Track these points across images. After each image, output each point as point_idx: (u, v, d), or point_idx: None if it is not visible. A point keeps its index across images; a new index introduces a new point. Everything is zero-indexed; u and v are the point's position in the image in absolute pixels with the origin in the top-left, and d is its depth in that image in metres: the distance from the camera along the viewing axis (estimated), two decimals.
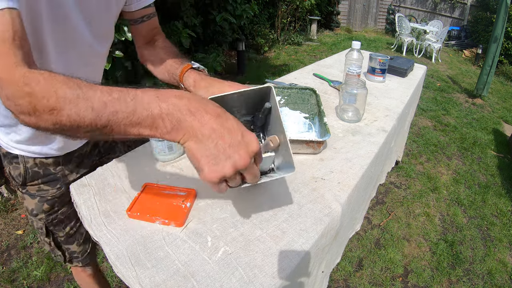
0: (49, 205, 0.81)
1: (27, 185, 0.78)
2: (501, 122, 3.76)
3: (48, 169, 0.78)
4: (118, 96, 0.39)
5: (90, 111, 0.38)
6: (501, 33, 3.84)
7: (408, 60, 1.67)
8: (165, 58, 0.77)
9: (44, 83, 0.38)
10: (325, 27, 8.10)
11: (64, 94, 0.38)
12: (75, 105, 0.38)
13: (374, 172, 0.99)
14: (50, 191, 0.80)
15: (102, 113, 0.38)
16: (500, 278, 1.69)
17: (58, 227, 0.85)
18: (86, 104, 0.38)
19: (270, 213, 0.65)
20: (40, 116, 0.39)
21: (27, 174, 0.76)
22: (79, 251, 0.92)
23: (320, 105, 0.97)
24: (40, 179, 0.78)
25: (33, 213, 0.81)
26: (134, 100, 0.39)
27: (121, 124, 0.39)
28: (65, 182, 0.81)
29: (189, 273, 0.52)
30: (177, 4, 2.58)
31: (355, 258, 1.73)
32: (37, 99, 0.38)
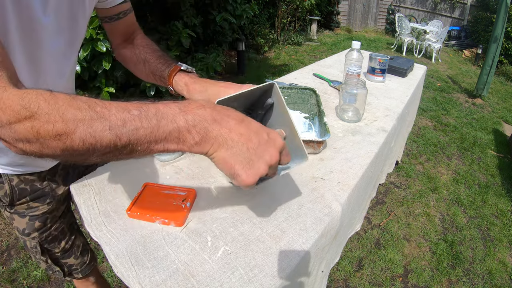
0: (41, 222, 0.76)
1: (15, 205, 0.72)
2: (501, 122, 3.76)
3: (35, 185, 0.73)
4: (138, 113, 0.36)
5: (108, 132, 0.35)
6: (501, 33, 3.84)
7: (408, 60, 1.67)
8: (148, 58, 0.73)
9: (46, 106, 0.35)
10: (325, 27, 8.10)
11: (73, 116, 0.35)
12: (89, 127, 0.35)
13: (374, 172, 0.99)
14: (40, 207, 0.75)
15: (121, 132, 0.36)
16: (500, 278, 1.69)
17: (53, 244, 0.81)
18: (101, 124, 0.35)
19: (270, 213, 0.65)
20: (45, 142, 0.35)
21: (14, 192, 0.70)
22: (78, 263, 0.88)
23: (320, 105, 0.97)
24: (28, 196, 0.72)
25: (25, 232, 0.76)
26: (156, 114, 0.37)
27: (145, 141, 0.37)
28: (55, 196, 0.77)
29: (189, 273, 0.52)
30: (177, 4, 2.58)
31: (355, 258, 1.73)
32: (40, 123, 0.34)
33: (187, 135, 0.38)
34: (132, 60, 0.75)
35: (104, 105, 0.36)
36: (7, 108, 0.35)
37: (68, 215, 0.84)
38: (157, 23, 2.50)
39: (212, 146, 0.39)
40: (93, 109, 0.36)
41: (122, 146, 0.36)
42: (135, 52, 0.75)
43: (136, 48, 0.76)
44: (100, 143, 0.36)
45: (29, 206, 0.74)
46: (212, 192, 0.70)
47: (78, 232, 0.88)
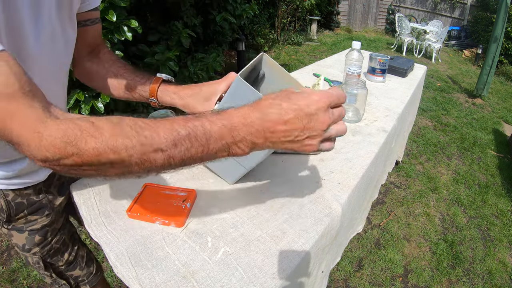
0: (41, 236, 0.72)
1: (12, 221, 0.69)
2: (501, 122, 3.76)
3: (31, 198, 0.69)
4: (186, 133, 0.38)
5: (161, 154, 0.37)
6: (501, 33, 3.84)
7: (408, 60, 1.67)
8: (121, 72, 0.70)
9: (93, 140, 0.35)
10: (325, 27, 8.10)
11: (123, 145, 0.36)
12: (142, 153, 0.37)
13: (375, 173, 0.99)
14: (39, 220, 0.71)
15: (174, 153, 0.38)
16: (500, 278, 1.69)
17: (56, 257, 0.78)
18: (153, 148, 0.37)
19: (270, 214, 0.65)
20: (98, 169, 0.37)
21: (10, 208, 0.67)
22: (84, 274, 0.85)
23: None
24: (26, 210, 0.69)
25: (26, 248, 0.72)
26: (204, 134, 0.39)
27: (197, 158, 0.39)
28: (53, 207, 0.73)
29: (189, 274, 0.52)
30: (177, 4, 2.58)
31: (355, 258, 1.73)
32: (89, 157, 0.35)
33: (236, 149, 0.41)
34: (101, 74, 0.71)
35: (151, 128, 0.37)
36: (50, 147, 0.35)
37: (68, 226, 0.81)
38: (157, 23, 2.50)
39: (262, 148, 0.43)
40: (142, 135, 0.37)
41: (176, 165, 0.39)
42: (104, 66, 0.71)
43: (105, 62, 0.72)
44: (155, 165, 0.38)
45: (27, 220, 0.70)
46: (212, 192, 0.70)
47: (80, 242, 0.85)
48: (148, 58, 2.21)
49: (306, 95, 0.41)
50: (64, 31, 0.58)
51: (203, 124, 0.39)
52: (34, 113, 0.35)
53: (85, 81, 0.75)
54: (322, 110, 0.41)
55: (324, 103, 0.41)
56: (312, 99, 0.41)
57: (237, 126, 0.40)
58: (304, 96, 0.41)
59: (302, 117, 0.41)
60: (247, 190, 0.71)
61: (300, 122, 0.41)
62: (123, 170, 0.38)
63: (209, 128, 0.39)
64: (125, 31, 1.84)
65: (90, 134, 0.36)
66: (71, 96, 1.77)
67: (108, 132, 0.36)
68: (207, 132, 0.39)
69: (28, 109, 0.35)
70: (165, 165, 0.38)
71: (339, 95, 0.43)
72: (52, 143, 0.34)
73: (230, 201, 0.68)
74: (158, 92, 0.68)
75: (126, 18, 1.84)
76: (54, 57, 0.57)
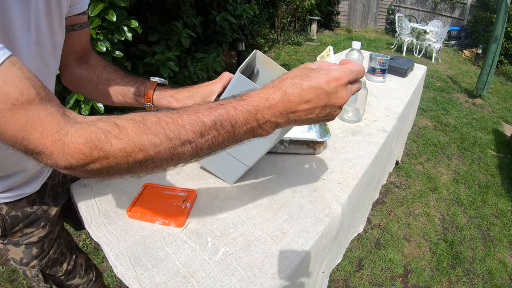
0: (38, 249, 0.71)
1: (8, 235, 0.67)
2: (501, 122, 3.76)
3: (26, 210, 0.67)
4: (212, 123, 0.38)
5: (189, 146, 0.38)
6: (501, 33, 3.84)
7: (408, 60, 1.67)
8: (113, 77, 0.68)
9: (119, 142, 0.35)
10: (325, 27, 8.10)
11: (151, 143, 0.36)
12: (170, 148, 0.37)
13: (375, 173, 0.99)
14: (35, 232, 0.70)
15: (201, 142, 0.38)
16: (500, 278, 1.69)
17: (55, 268, 0.77)
18: (181, 141, 0.37)
19: (270, 214, 0.65)
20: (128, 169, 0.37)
21: (5, 222, 0.64)
22: (84, 282, 0.85)
23: None
24: (22, 223, 0.67)
25: (24, 262, 0.71)
26: (230, 121, 0.39)
27: (223, 144, 0.41)
28: (48, 218, 0.72)
29: (189, 274, 0.52)
30: (177, 4, 2.58)
31: (355, 258, 1.73)
32: (118, 159, 0.35)
33: (261, 131, 0.42)
34: (92, 81, 0.68)
35: (176, 122, 0.37)
36: (75, 154, 0.34)
37: (64, 234, 0.80)
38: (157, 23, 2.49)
39: (285, 126, 0.43)
40: (168, 130, 0.36)
41: (204, 153, 0.40)
42: (95, 72, 0.69)
43: (95, 68, 0.70)
44: (184, 156, 0.39)
45: (23, 233, 0.68)
46: (212, 192, 0.70)
47: (77, 250, 0.85)
48: (148, 58, 2.21)
49: (325, 72, 0.41)
50: (52, 35, 0.55)
51: (228, 112, 0.39)
52: (54, 120, 0.34)
53: (74, 88, 0.72)
54: (342, 87, 0.41)
55: (344, 81, 0.41)
56: (332, 76, 0.41)
57: (261, 109, 0.40)
58: (323, 73, 0.41)
59: (323, 95, 0.41)
60: (247, 190, 0.71)
61: (321, 101, 0.41)
62: (152, 167, 0.38)
63: (234, 114, 0.39)
64: (125, 31, 1.84)
65: (114, 136, 0.35)
66: (71, 96, 1.77)
67: (133, 131, 0.36)
68: (232, 119, 0.39)
69: (47, 117, 0.34)
70: (193, 156, 0.39)
71: (358, 71, 0.43)
72: (76, 150, 0.34)
73: (230, 201, 0.67)
74: (154, 96, 0.67)
75: (126, 18, 1.84)
76: (42, 62, 0.55)
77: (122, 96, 0.69)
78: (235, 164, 0.68)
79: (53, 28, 0.55)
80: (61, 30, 0.59)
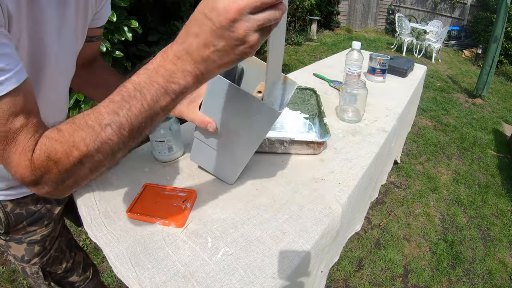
0: (40, 246, 0.72)
1: (10, 232, 0.68)
2: (501, 122, 3.76)
3: (30, 208, 0.69)
4: (120, 98, 0.38)
5: (110, 129, 0.38)
6: (501, 33, 3.84)
7: (408, 60, 1.67)
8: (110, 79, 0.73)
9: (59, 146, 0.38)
10: (325, 27, 8.10)
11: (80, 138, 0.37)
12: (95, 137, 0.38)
13: (374, 173, 0.99)
14: (38, 230, 0.71)
15: (120, 121, 0.38)
16: (500, 278, 1.69)
17: (55, 266, 0.78)
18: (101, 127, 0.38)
19: (270, 214, 0.65)
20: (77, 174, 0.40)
21: (9, 219, 0.66)
22: (81, 279, 0.86)
23: (321, 105, 0.97)
24: (25, 221, 0.68)
25: (25, 259, 0.72)
26: (135, 89, 0.38)
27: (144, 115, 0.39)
28: (51, 217, 0.73)
29: (189, 274, 0.52)
30: (177, 4, 2.58)
31: (355, 258, 1.73)
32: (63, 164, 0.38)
33: (174, 85, 0.38)
34: (92, 83, 0.73)
35: (94, 110, 0.38)
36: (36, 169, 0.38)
37: (64, 233, 0.81)
38: (157, 23, 2.49)
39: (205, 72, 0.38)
40: (89, 119, 0.38)
41: (132, 132, 0.39)
42: (95, 74, 0.74)
43: (96, 70, 0.74)
44: (113, 142, 0.38)
45: (26, 231, 0.70)
46: (212, 193, 0.70)
47: (77, 248, 0.86)
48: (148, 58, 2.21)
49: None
50: (75, 42, 0.60)
51: (131, 80, 0.38)
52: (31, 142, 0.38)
53: (77, 88, 0.77)
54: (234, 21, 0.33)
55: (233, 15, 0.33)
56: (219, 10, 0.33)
57: (161, 63, 0.38)
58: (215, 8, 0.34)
59: (205, 21, 0.35)
60: (247, 191, 0.71)
61: (207, 28, 0.35)
62: (92, 164, 0.39)
63: (137, 80, 0.38)
64: (125, 31, 1.84)
65: (56, 140, 0.38)
66: (71, 96, 1.77)
67: (67, 131, 0.38)
68: (137, 85, 0.38)
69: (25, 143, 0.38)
70: (122, 138, 0.38)
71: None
72: (34, 164, 0.38)
73: (230, 201, 0.67)
74: None
75: (126, 18, 1.84)
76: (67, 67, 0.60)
77: None
78: (231, 165, 0.68)
79: (76, 36, 0.59)
80: (82, 39, 0.63)
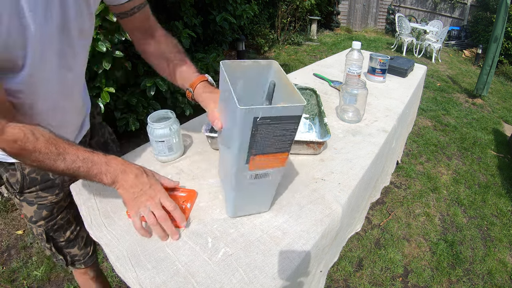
0: (48, 212, 0.80)
1: (24, 193, 0.76)
2: (501, 122, 3.76)
3: (46, 175, 0.76)
4: (83, 158, 0.57)
5: (63, 165, 0.56)
6: (501, 33, 3.84)
7: (408, 60, 1.67)
8: (171, 57, 0.77)
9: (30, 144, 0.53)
10: (325, 27, 8.09)
11: (48, 151, 0.54)
12: (53, 162, 0.55)
13: (375, 173, 0.99)
14: (49, 197, 0.78)
15: (71, 166, 0.56)
16: (500, 278, 1.69)
17: (58, 233, 0.84)
18: (61, 160, 0.55)
19: (271, 214, 0.65)
20: (23, 160, 0.57)
21: (25, 180, 0.74)
22: (81, 254, 0.91)
23: (321, 105, 0.97)
24: (38, 186, 0.76)
25: (32, 220, 0.80)
26: (92, 162, 0.57)
27: (81, 174, 0.58)
28: (63, 188, 0.79)
29: (189, 274, 0.52)
30: (177, 4, 2.58)
31: (355, 258, 1.73)
32: (27, 152, 0.54)
33: (105, 177, 0.58)
34: (154, 56, 0.79)
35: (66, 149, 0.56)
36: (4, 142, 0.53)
37: (74, 206, 0.83)
38: None
39: (116, 185, 0.59)
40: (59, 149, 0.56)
41: (70, 174, 0.58)
42: (159, 48, 0.79)
43: (159, 44, 0.79)
44: (57, 169, 0.56)
45: (38, 195, 0.77)
46: (212, 193, 0.70)
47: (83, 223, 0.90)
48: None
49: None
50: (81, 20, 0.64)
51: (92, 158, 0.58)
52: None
53: (146, 59, 0.82)
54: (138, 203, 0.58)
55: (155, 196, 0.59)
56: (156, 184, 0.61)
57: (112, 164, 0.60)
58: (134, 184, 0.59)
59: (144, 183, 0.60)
60: None
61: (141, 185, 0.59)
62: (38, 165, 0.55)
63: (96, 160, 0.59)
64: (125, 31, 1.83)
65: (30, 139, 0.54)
66: None
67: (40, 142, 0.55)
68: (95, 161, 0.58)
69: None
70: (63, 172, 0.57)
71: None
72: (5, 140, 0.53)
73: None
74: (198, 86, 0.72)
75: None
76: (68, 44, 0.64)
77: (174, 76, 0.77)
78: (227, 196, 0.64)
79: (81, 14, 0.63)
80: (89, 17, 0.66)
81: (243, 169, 0.52)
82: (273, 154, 0.52)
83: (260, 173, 0.55)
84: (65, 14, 0.58)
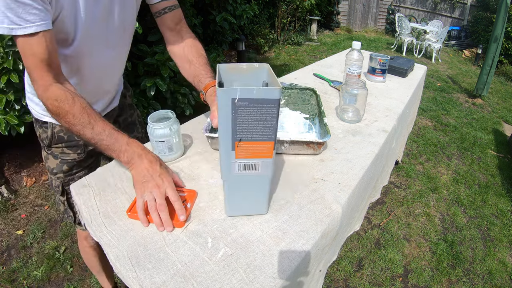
0: (68, 167, 0.92)
1: (52, 147, 0.90)
2: (501, 122, 3.76)
3: (72, 136, 0.88)
4: (108, 133, 0.65)
5: (90, 133, 0.64)
6: (501, 33, 3.84)
7: (408, 60, 1.67)
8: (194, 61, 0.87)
9: (68, 105, 0.63)
10: (325, 27, 8.09)
11: (81, 117, 0.63)
12: (83, 127, 0.64)
13: (375, 173, 0.99)
14: (71, 155, 0.91)
15: (96, 137, 0.64)
16: (500, 278, 1.69)
17: None
18: (90, 128, 0.64)
19: (271, 214, 0.65)
20: (58, 119, 0.65)
21: (53, 138, 0.88)
22: None
23: (321, 105, 0.97)
24: (64, 143, 0.89)
25: (53, 171, 0.92)
26: (115, 139, 0.65)
27: (102, 146, 0.65)
28: (85, 149, 0.93)
29: (189, 274, 0.52)
30: None
31: (355, 258, 1.73)
32: (63, 111, 0.63)
33: (122, 155, 0.65)
34: (179, 57, 0.90)
35: (96, 120, 0.65)
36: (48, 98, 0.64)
37: (92, 169, 0.85)
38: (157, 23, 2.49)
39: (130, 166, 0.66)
40: (90, 119, 0.64)
41: (93, 144, 0.65)
42: (184, 50, 0.89)
43: (186, 47, 0.89)
44: (84, 135, 0.65)
45: (63, 151, 0.91)
46: (212, 193, 0.70)
47: None
48: (148, 58, 2.21)
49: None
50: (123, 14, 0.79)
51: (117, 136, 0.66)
52: (49, 79, 0.64)
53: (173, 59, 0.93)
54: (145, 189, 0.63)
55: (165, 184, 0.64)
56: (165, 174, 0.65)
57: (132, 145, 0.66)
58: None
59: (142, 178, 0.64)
60: None
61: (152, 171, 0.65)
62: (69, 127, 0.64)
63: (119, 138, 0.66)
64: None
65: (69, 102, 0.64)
66: None
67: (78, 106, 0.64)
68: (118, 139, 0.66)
69: (45, 75, 0.63)
70: (87, 140, 0.65)
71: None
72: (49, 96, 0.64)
73: None
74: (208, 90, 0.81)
75: None
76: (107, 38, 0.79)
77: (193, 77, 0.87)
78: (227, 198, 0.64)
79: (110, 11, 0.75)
80: (132, 11, 0.82)
81: (230, 157, 0.54)
82: (257, 141, 0.53)
83: (248, 163, 0.55)
84: (112, 3, 0.73)
